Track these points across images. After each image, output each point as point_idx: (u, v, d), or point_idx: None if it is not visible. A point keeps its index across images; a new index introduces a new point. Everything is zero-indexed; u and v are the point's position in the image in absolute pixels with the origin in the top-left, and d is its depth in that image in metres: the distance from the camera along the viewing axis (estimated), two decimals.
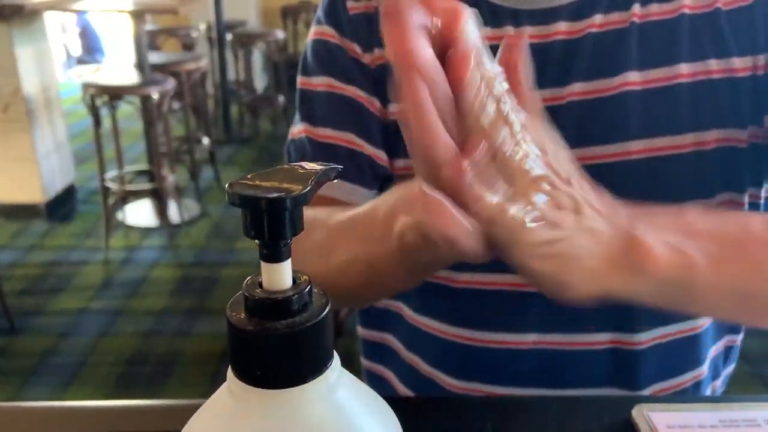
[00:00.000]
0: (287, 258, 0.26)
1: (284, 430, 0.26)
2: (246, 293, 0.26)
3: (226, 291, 2.70)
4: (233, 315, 0.26)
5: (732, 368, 0.78)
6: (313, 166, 0.28)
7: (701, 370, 0.72)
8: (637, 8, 0.63)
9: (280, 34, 4.54)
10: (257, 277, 0.27)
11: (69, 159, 3.58)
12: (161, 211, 3.19)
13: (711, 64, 0.62)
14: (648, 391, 0.71)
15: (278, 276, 0.26)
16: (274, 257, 0.26)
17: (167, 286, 2.77)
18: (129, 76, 3.08)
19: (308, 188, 0.26)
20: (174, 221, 3.26)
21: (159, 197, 3.21)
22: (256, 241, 0.26)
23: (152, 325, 2.50)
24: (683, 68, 0.62)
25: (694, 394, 0.73)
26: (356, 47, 0.68)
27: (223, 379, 0.27)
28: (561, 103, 0.63)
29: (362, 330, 0.83)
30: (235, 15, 4.88)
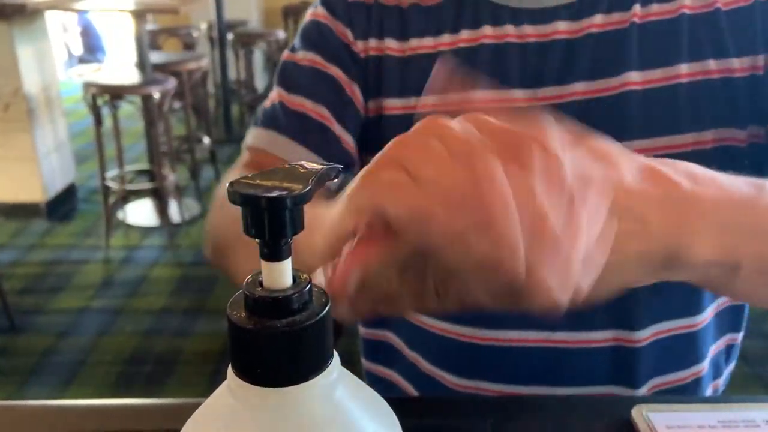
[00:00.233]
0: (288, 257, 0.26)
1: (284, 429, 0.26)
2: (246, 292, 0.26)
3: (226, 290, 2.69)
4: (233, 313, 0.26)
5: (732, 366, 0.79)
6: (314, 166, 0.28)
7: (701, 367, 0.72)
8: (638, 8, 0.63)
9: (281, 34, 4.54)
10: (257, 276, 0.27)
11: (70, 158, 3.58)
12: (162, 211, 3.19)
13: (710, 65, 0.62)
14: (647, 387, 0.71)
15: (278, 275, 0.26)
16: (275, 256, 0.26)
17: (167, 286, 2.77)
18: (130, 76, 3.08)
19: (309, 187, 0.26)
20: (174, 221, 3.26)
21: (159, 197, 3.21)
22: (257, 240, 0.26)
23: (152, 325, 2.50)
24: (683, 68, 0.62)
25: (695, 391, 0.73)
26: (348, 33, 0.69)
27: (223, 379, 0.27)
28: (562, 102, 0.63)
29: (363, 329, 0.83)
30: (236, 15, 4.88)
